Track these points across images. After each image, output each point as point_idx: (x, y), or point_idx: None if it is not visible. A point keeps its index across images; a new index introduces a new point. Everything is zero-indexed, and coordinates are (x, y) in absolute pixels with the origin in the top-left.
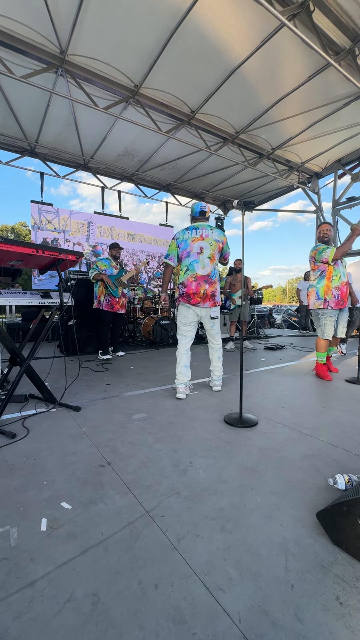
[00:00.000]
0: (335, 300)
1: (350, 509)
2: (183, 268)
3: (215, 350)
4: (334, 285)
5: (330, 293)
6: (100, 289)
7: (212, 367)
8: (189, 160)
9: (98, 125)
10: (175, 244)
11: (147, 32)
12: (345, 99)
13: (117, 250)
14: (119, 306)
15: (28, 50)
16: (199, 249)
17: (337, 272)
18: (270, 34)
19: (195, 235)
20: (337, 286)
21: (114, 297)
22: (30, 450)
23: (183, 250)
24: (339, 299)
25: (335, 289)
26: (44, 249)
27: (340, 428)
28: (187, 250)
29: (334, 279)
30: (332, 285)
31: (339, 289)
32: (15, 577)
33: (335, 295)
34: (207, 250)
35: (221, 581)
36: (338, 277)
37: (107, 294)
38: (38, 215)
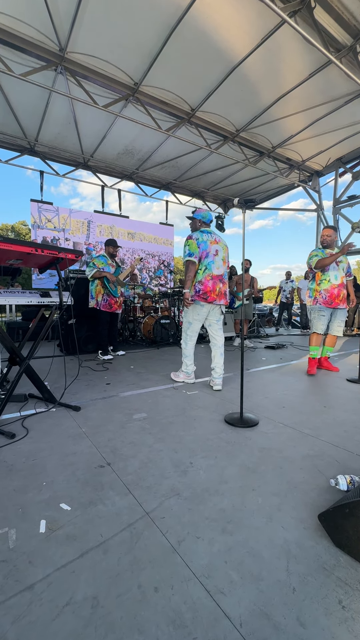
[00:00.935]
0: (323, 300)
1: (352, 511)
2: (202, 267)
3: (219, 347)
4: (322, 288)
5: (319, 294)
6: (97, 288)
7: (215, 364)
8: (189, 158)
9: (98, 123)
10: (195, 243)
11: (146, 30)
12: (346, 97)
13: (114, 248)
14: (116, 306)
15: (27, 47)
16: (215, 251)
17: (326, 276)
18: (271, 31)
19: (212, 238)
20: (326, 288)
21: (114, 297)
22: (30, 450)
23: (203, 251)
24: (326, 299)
25: (324, 290)
26: (43, 247)
27: (341, 428)
28: (207, 251)
29: (322, 282)
30: (319, 288)
31: (328, 291)
32: (14, 580)
33: (324, 296)
34: (221, 253)
35: (222, 584)
36: (327, 281)
37: (106, 293)
38: (38, 214)
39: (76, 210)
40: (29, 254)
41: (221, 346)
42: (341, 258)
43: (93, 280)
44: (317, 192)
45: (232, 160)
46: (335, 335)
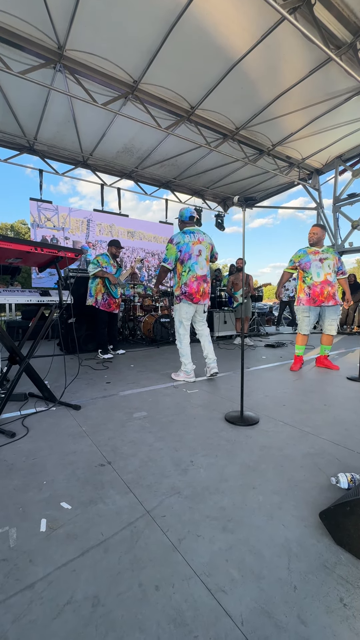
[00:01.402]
0: (307, 298)
1: (353, 509)
2: (185, 269)
3: (205, 336)
4: (305, 285)
5: (303, 292)
6: (97, 287)
7: (207, 352)
8: (189, 156)
9: (97, 121)
10: (175, 248)
11: (145, 27)
12: (346, 94)
13: (117, 249)
14: (115, 306)
15: (26, 45)
16: (198, 252)
17: (309, 274)
18: (271, 28)
19: (194, 239)
20: (309, 285)
21: (113, 297)
22: (30, 449)
23: (185, 253)
24: (310, 297)
25: (307, 287)
26: (43, 246)
27: (342, 426)
28: (189, 253)
29: (305, 280)
30: (303, 285)
31: (310, 287)
32: (15, 578)
33: (307, 293)
34: (204, 253)
35: (223, 582)
36: (309, 278)
37: (106, 293)
38: (37, 213)
39: (75, 209)
40: (29, 253)
41: (207, 335)
42: (327, 255)
43: (94, 279)
44: (317, 190)
45: (231, 159)
46: (329, 334)
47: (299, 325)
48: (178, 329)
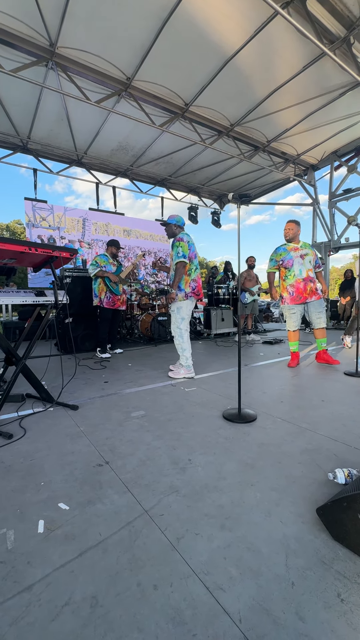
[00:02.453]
0: (291, 297)
1: (350, 504)
2: (192, 267)
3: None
4: (288, 283)
5: (285, 290)
6: (100, 286)
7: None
8: (184, 154)
9: (91, 119)
10: (187, 246)
11: (138, 23)
12: (340, 89)
13: (117, 249)
14: (119, 303)
15: (17, 43)
16: (195, 252)
17: (291, 272)
18: (264, 23)
19: (192, 241)
20: (292, 283)
21: (116, 294)
22: (28, 450)
23: (192, 252)
24: (294, 295)
25: (289, 286)
26: (37, 246)
27: (339, 421)
28: (195, 253)
29: (288, 278)
30: (286, 284)
31: (293, 285)
32: (12, 581)
33: (290, 292)
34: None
35: (221, 580)
36: (292, 276)
37: (108, 291)
38: (32, 213)
39: (71, 208)
40: (23, 253)
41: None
42: (306, 251)
43: (96, 279)
44: (312, 186)
45: (227, 155)
46: (320, 327)
47: (287, 323)
48: (180, 325)
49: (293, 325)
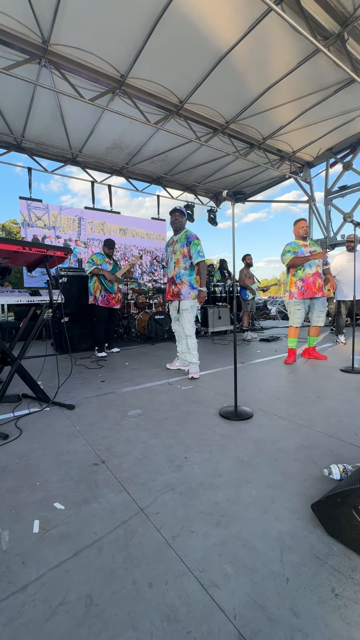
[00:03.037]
0: (299, 292)
1: (344, 500)
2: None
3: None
4: (297, 278)
5: (294, 285)
6: (95, 285)
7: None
8: (180, 152)
9: (85, 117)
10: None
11: (131, 19)
12: (335, 86)
13: (110, 249)
14: (114, 301)
15: (9, 40)
16: None
17: (302, 266)
18: (258, 19)
19: None
20: (301, 278)
21: (110, 293)
22: (23, 450)
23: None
24: (302, 289)
25: (299, 280)
26: (31, 245)
27: (335, 418)
28: None
29: (298, 272)
30: (295, 279)
31: (302, 280)
32: (7, 581)
33: (299, 286)
34: None
35: (216, 577)
36: (302, 270)
37: (103, 289)
38: (27, 212)
39: (66, 207)
40: (17, 252)
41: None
42: (315, 248)
43: (91, 277)
44: (308, 183)
45: (222, 153)
46: (318, 325)
47: (291, 319)
48: (192, 322)
49: (297, 321)
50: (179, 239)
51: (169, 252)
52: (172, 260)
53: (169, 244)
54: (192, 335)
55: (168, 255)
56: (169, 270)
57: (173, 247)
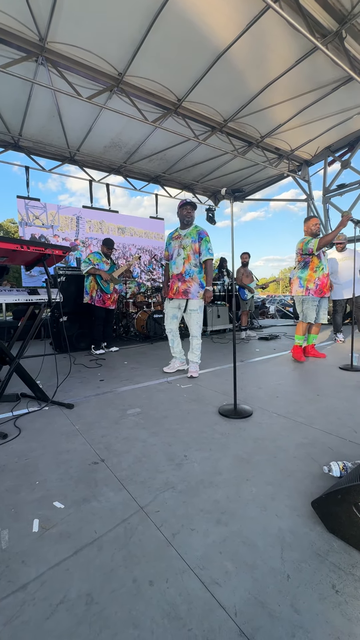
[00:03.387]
0: (316, 289)
1: (345, 497)
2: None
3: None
4: (317, 276)
5: (312, 282)
6: (91, 284)
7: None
8: (178, 150)
9: (83, 116)
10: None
11: (128, 17)
12: (333, 84)
13: (109, 249)
14: (110, 302)
15: (5, 38)
16: None
17: (321, 264)
18: (256, 17)
19: None
20: (320, 276)
21: (106, 293)
22: (22, 450)
23: None
24: (319, 287)
25: (317, 279)
26: (29, 244)
27: (334, 415)
28: None
29: (318, 270)
30: (315, 276)
31: (320, 279)
32: (7, 580)
33: (317, 284)
34: None
35: (217, 575)
36: (321, 269)
37: (99, 289)
38: (25, 211)
39: (64, 206)
40: (15, 251)
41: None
42: (325, 248)
43: (88, 276)
44: (306, 182)
45: (220, 151)
46: (321, 323)
47: (306, 315)
48: (201, 323)
49: (313, 317)
50: (189, 234)
51: (174, 246)
52: (180, 256)
53: (174, 237)
54: (198, 336)
55: (172, 249)
56: (175, 265)
57: (181, 241)
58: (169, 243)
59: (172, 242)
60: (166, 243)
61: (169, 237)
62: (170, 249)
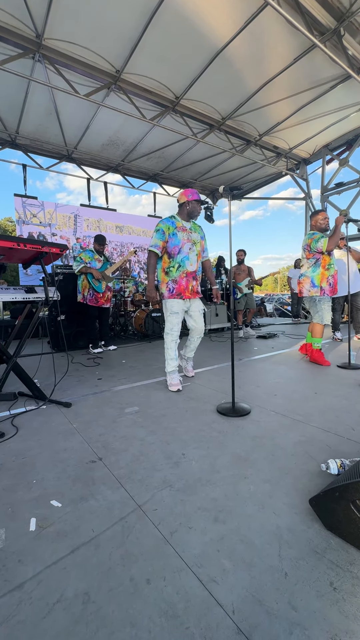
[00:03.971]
0: (330, 288)
1: (342, 494)
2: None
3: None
4: (329, 274)
5: (326, 281)
6: (84, 283)
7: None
8: (176, 148)
9: (80, 113)
10: None
11: (126, 14)
12: (331, 82)
13: (101, 246)
14: (103, 300)
15: (2, 34)
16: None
17: (333, 262)
18: (254, 14)
19: None
20: (332, 275)
21: (98, 292)
22: (20, 448)
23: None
24: (332, 287)
25: (330, 277)
26: (26, 242)
27: (332, 413)
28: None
29: (331, 268)
30: (327, 274)
31: (333, 277)
32: (3, 580)
33: (330, 283)
34: None
35: (214, 573)
36: (333, 267)
37: (91, 288)
38: (22, 209)
39: (62, 204)
40: (12, 249)
41: None
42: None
43: (79, 275)
44: (305, 180)
45: (218, 150)
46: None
47: (324, 317)
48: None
49: (329, 318)
50: (195, 229)
51: (181, 239)
52: (193, 252)
53: (179, 228)
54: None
55: (180, 242)
56: (188, 261)
57: (189, 235)
58: (173, 233)
59: (179, 234)
60: (162, 231)
61: (171, 225)
62: (176, 240)
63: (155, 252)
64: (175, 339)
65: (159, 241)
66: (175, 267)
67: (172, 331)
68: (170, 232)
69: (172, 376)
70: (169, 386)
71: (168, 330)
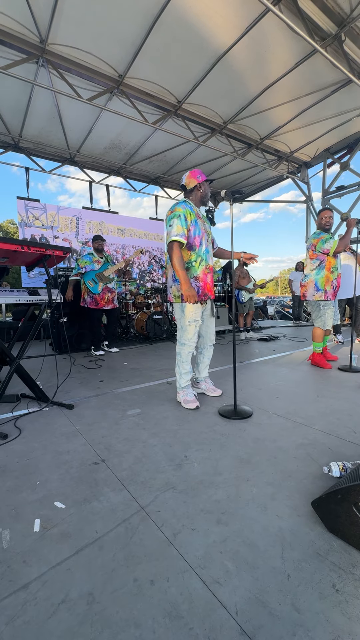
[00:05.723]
0: (333, 292)
1: (345, 497)
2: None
3: None
4: (333, 277)
5: (330, 284)
6: (84, 287)
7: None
8: (177, 151)
9: (83, 117)
10: None
11: (129, 19)
12: (332, 86)
13: (99, 243)
14: (104, 302)
15: (6, 39)
16: None
17: (337, 265)
18: (256, 20)
19: None
20: (337, 277)
21: (94, 293)
22: (23, 450)
23: None
24: (336, 290)
25: (334, 280)
26: (29, 244)
27: (334, 416)
28: None
29: (335, 271)
30: (332, 277)
31: (337, 280)
32: (8, 580)
33: (334, 286)
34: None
35: (218, 574)
36: (337, 269)
37: (87, 290)
38: (25, 212)
39: (64, 207)
40: (15, 252)
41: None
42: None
43: (80, 278)
44: (306, 184)
45: (220, 153)
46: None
47: (326, 322)
48: None
49: (331, 323)
50: (205, 218)
51: (201, 228)
52: (209, 244)
53: (197, 214)
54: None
55: (201, 232)
56: (208, 255)
57: (204, 225)
58: (195, 221)
59: (199, 222)
60: (184, 216)
61: (189, 210)
62: (198, 230)
63: (181, 241)
64: (192, 350)
65: (183, 229)
66: (198, 262)
67: (189, 342)
68: (192, 218)
69: (187, 391)
70: (183, 403)
71: (185, 341)
